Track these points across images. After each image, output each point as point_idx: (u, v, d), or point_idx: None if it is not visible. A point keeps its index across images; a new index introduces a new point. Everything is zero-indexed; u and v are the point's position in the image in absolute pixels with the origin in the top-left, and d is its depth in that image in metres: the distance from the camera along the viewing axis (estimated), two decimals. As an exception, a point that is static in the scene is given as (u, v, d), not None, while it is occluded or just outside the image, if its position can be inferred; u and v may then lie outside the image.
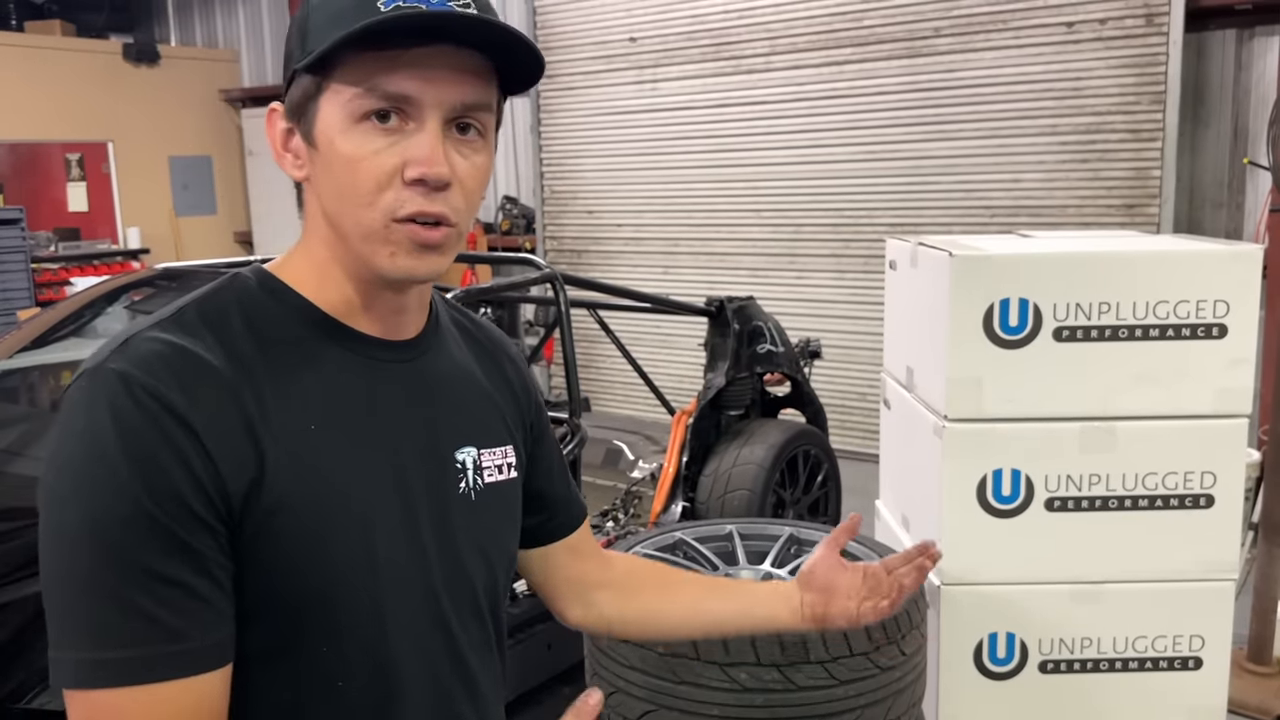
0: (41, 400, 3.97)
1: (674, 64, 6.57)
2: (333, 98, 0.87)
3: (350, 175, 0.87)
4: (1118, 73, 5.02)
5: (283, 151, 0.93)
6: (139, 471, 0.79)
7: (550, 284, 3.25)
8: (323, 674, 0.89)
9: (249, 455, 0.84)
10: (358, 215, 0.88)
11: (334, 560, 0.88)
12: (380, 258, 0.89)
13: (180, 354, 0.84)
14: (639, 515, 3.78)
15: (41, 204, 9.07)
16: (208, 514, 0.81)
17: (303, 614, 0.87)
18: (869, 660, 1.85)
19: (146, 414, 0.80)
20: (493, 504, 1.03)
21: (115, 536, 0.78)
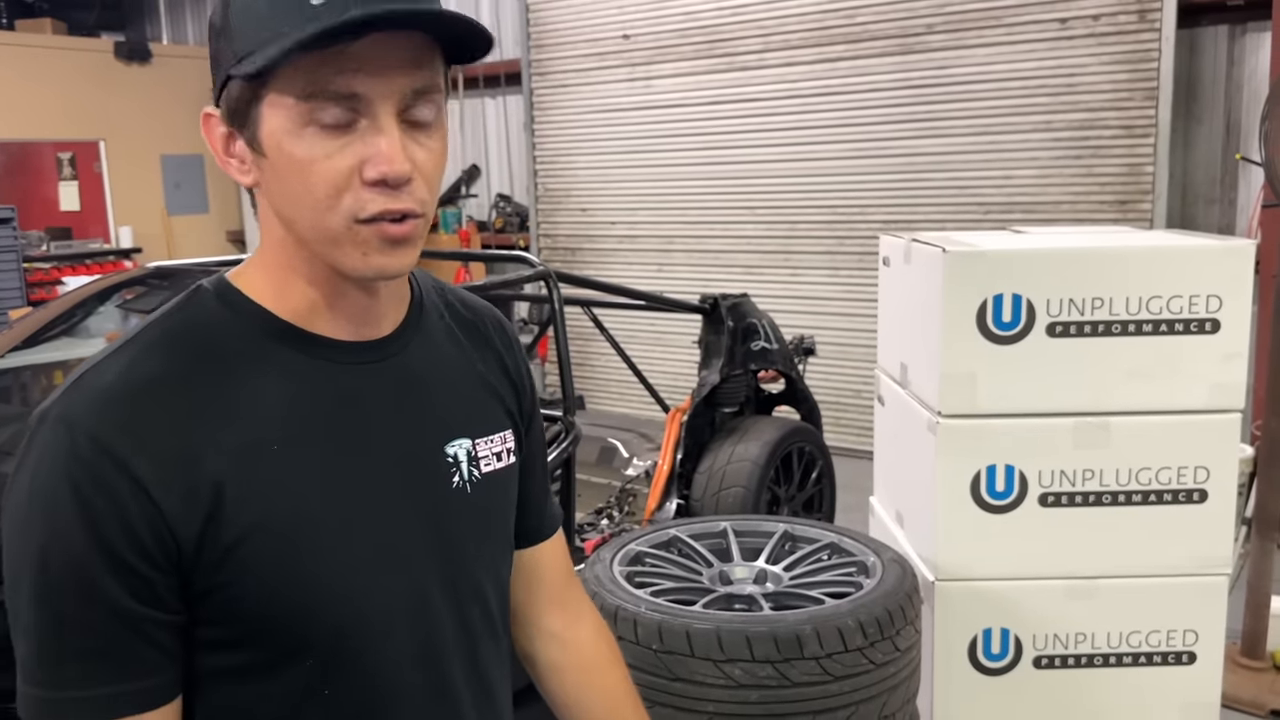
0: (33, 400, 3.95)
1: (667, 61, 6.56)
2: (275, 102, 0.83)
3: (304, 181, 0.83)
4: (1110, 69, 5.02)
5: (226, 157, 0.88)
6: (77, 527, 0.80)
7: (544, 281, 3.25)
8: (310, 685, 0.89)
9: (202, 492, 0.83)
10: (318, 220, 0.85)
11: (309, 577, 0.86)
12: (351, 259, 0.86)
13: (131, 388, 0.83)
14: (634, 513, 3.77)
15: (33, 203, 9.02)
16: (147, 567, 0.81)
17: (284, 631, 0.87)
18: (863, 656, 1.85)
19: (86, 466, 0.80)
20: (492, 493, 1.00)
21: (51, 585, 0.81)
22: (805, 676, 1.81)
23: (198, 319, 0.89)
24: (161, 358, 0.86)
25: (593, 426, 4.15)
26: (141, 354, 0.86)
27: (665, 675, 1.84)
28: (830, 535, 2.30)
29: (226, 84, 0.85)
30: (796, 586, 2.13)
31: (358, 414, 0.92)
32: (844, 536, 2.29)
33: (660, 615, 1.88)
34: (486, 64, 7.52)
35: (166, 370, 0.85)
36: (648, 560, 2.22)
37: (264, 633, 0.86)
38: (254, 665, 0.87)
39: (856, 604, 1.92)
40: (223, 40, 0.85)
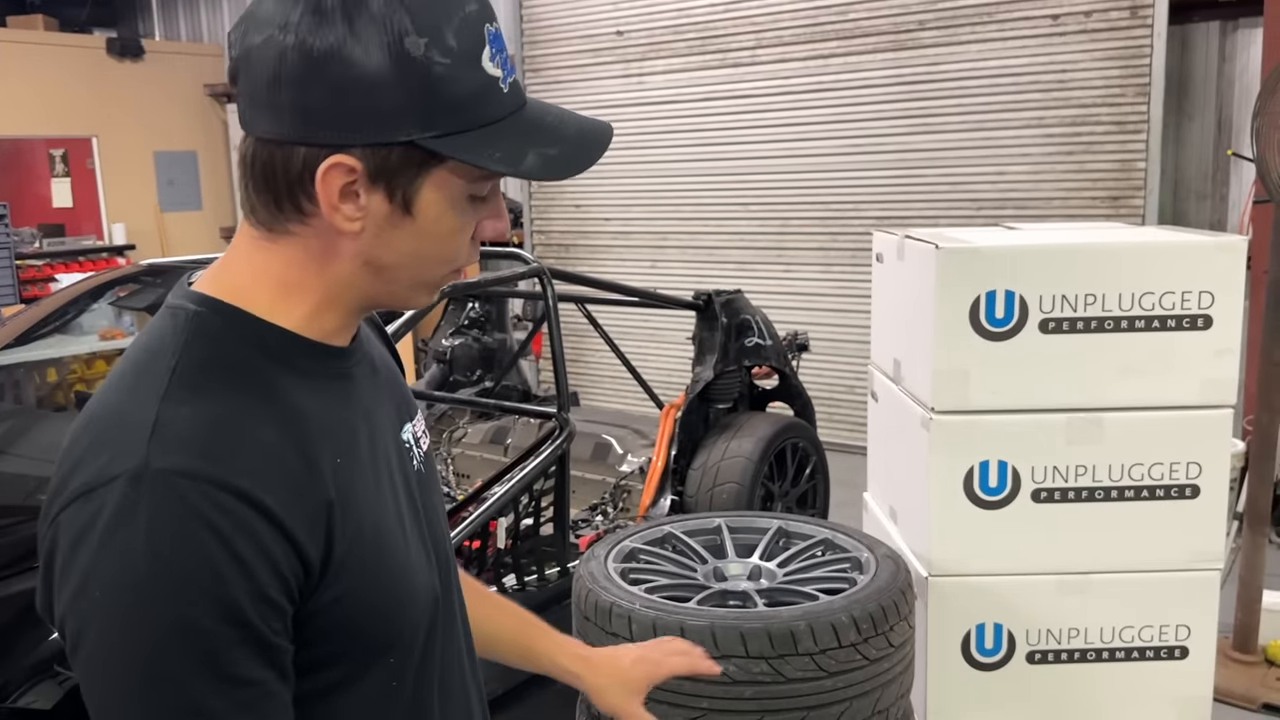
0: (27, 397, 3.95)
1: (660, 58, 6.56)
2: (448, 178, 0.84)
3: (445, 244, 0.88)
4: (1102, 65, 5.04)
5: (339, 203, 0.83)
6: (224, 577, 0.76)
7: (538, 278, 3.25)
8: (390, 685, 0.92)
9: (319, 516, 0.82)
10: (426, 272, 0.89)
11: (393, 580, 0.89)
12: (419, 299, 0.92)
13: (223, 426, 0.80)
14: (628, 509, 3.78)
15: (25, 200, 9.00)
16: (285, 601, 0.80)
17: (376, 636, 0.89)
18: (857, 651, 1.85)
19: (224, 511, 0.76)
20: (432, 469, 1.05)
21: (201, 648, 0.76)
22: (799, 672, 1.81)
23: (220, 346, 0.85)
24: (221, 392, 0.82)
25: (587, 423, 4.15)
26: (197, 393, 0.82)
27: (660, 671, 1.84)
28: (824, 531, 2.30)
29: (385, 143, 0.82)
30: (791, 583, 2.14)
31: (365, 415, 0.94)
32: (838, 533, 2.29)
33: (654, 612, 1.88)
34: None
35: (235, 404, 0.82)
36: (642, 557, 2.23)
37: (357, 643, 0.87)
38: (339, 681, 0.88)
39: (850, 600, 1.92)
40: (386, 96, 0.80)
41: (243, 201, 0.88)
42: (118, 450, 0.78)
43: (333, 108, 0.80)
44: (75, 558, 0.77)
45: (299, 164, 0.82)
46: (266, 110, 0.82)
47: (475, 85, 0.82)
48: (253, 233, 0.88)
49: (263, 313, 0.87)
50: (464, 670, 1.04)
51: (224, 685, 0.77)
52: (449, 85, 0.81)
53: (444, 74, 0.81)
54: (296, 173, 0.82)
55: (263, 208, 0.86)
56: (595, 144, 0.89)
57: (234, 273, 0.89)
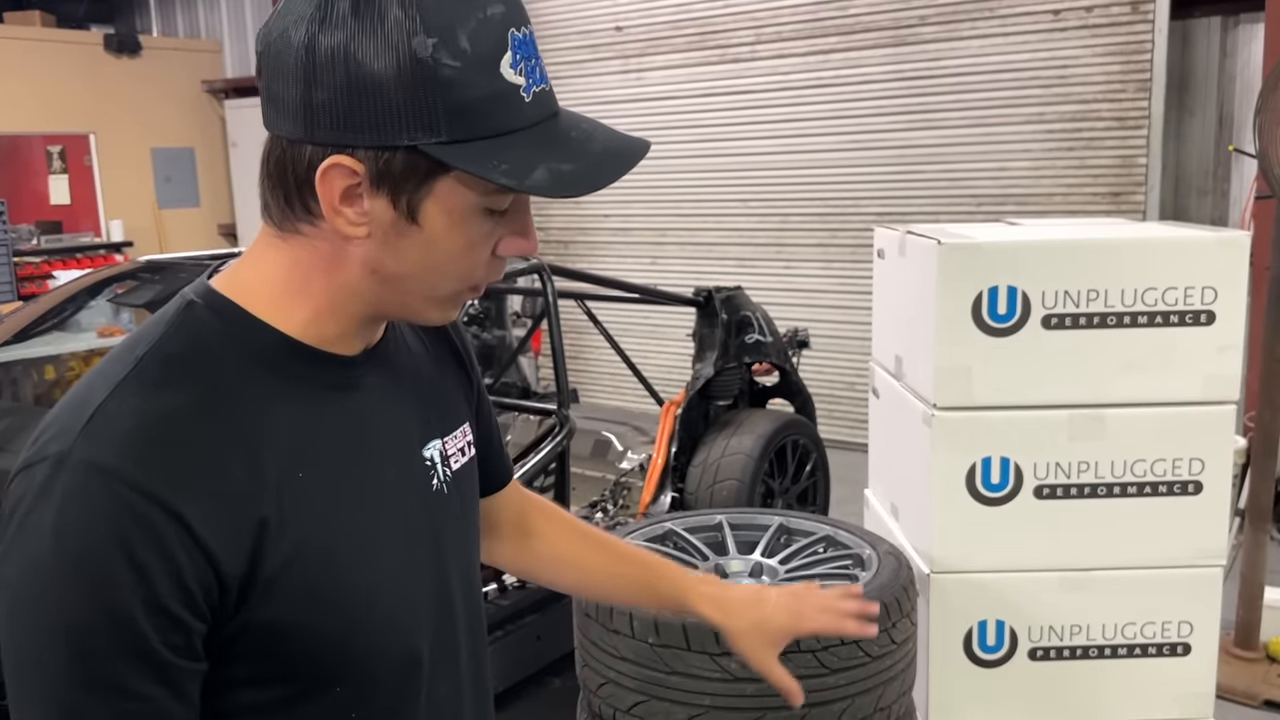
0: (25, 394, 3.93)
1: (659, 53, 6.55)
2: (455, 186, 0.80)
3: (457, 259, 0.84)
4: (1103, 60, 5.02)
5: (341, 207, 0.81)
6: (120, 579, 0.73)
7: (538, 274, 3.24)
8: (339, 710, 0.87)
9: (246, 529, 0.79)
10: (438, 285, 0.85)
11: (342, 605, 0.84)
12: (432, 314, 0.88)
13: (157, 426, 0.77)
14: (628, 506, 3.77)
15: (23, 197, 8.99)
16: (188, 614, 0.76)
17: (316, 661, 0.84)
18: (859, 648, 1.85)
19: (133, 516, 0.74)
20: (462, 489, 1.01)
21: (83, 646, 0.74)
22: (801, 669, 1.80)
23: (200, 341, 0.83)
24: (176, 389, 0.80)
25: (586, 420, 4.15)
26: (151, 387, 0.79)
27: (662, 669, 1.83)
28: (826, 528, 2.30)
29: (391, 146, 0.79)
30: (793, 579, 2.13)
31: (363, 429, 0.90)
32: (839, 529, 2.28)
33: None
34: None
35: (186, 402, 0.79)
36: (643, 554, 2.22)
37: (299, 663, 0.83)
38: (282, 699, 0.84)
39: (852, 597, 1.91)
40: (392, 98, 0.77)
41: (261, 199, 0.86)
42: (57, 431, 0.78)
43: (337, 106, 0.78)
44: (5, 529, 0.77)
45: (305, 163, 0.80)
46: (279, 106, 0.81)
47: (489, 92, 0.78)
48: (267, 230, 0.87)
49: (261, 313, 0.85)
50: (464, 710, 0.98)
51: (103, 693, 0.74)
52: (458, 90, 0.77)
53: (453, 77, 0.77)
54: (304, 171, 0.81)
55: (275, 205, 0.84)
56: (619, 162, 0.84)
57: (245, 269, 0.88)
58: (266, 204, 0.85)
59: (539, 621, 3.01)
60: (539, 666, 3.10)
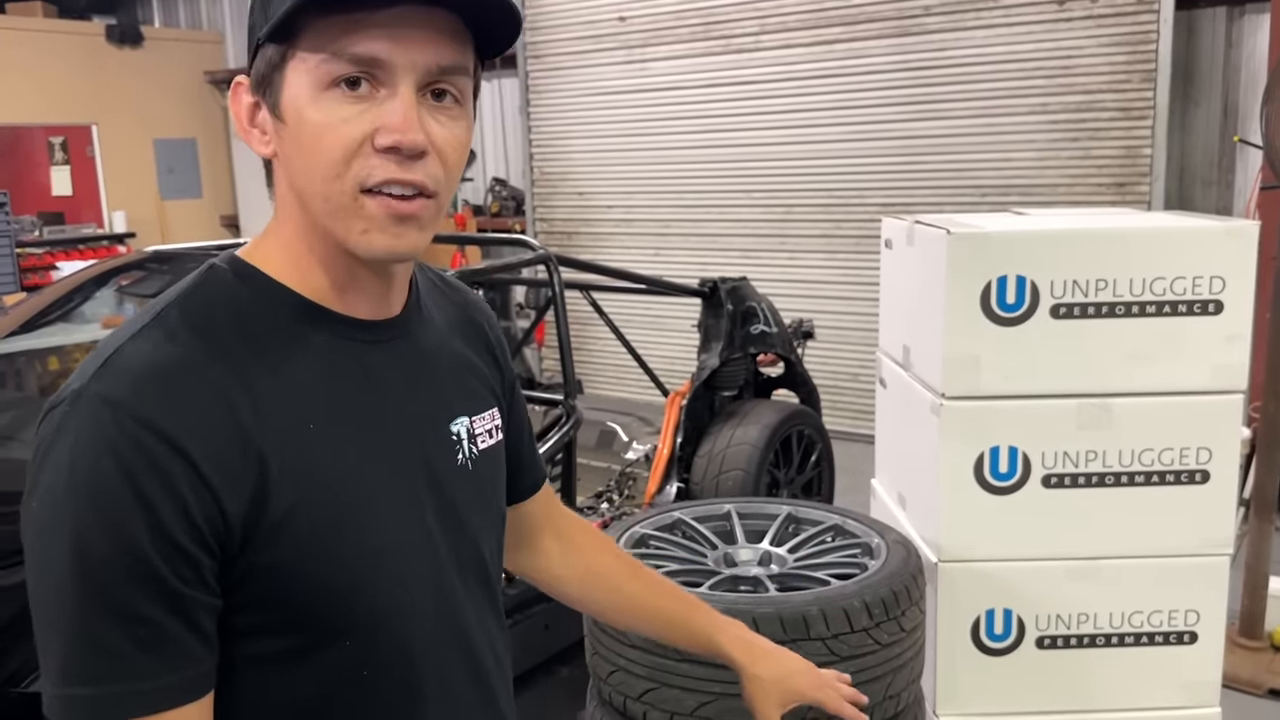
0: (30, 385, 3.94)
1: (663, 44, 6.54)
2: (298, 66, 0.83)
3: (318, 145, 0.83)
4: (1108, 51, 5.02)
5: (249, 127, 0.89)
6: (127, 509, 0.76)
7: (545, 265, 3.24)
8: (349, 667, 0.88)
9: (249, 471, 0.81)
10: (326, 189, 0.84)
11: (347, 560, 0.86)
12: (353, 235, 0.85)
13: (168, 368, 0.81)
14: (633, 496, 3.78)
15: (25, 188, 8.98)
16: (195, 547, 0.79)
17: (322, 614, 0.86)
18: (869, 636, 1.86)
19: (137, 446, 0.77)
20: (487, 470, 1.02)
21: (97, 575, 0.76)
22: (811, 656, 1.80)
23: (218, 297, 0.87)
24: (190, 337, 0.84)
25: (592, 410, 4.15)
26: (168, 335, 0.83)
27: (672, 657, 1.84)
28: (834, 517, 2.30)
29: (257, 52, 0.86)
30: (801, 568, 2.14)
31: (379, 392, 0.92)
32: (848, 518, 2.29)
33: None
34: (481, 47, 7.48)
35: (199, 349, 0.83)
36: (652, 543, 2.23)
37: (306, 614, 0.85)
38: (291, 650, 0.86)
39: (862, 585, 1.92)
40: (260, 6, 0.85)
41: None
42: (79, 374, 0.82)
43: (248, 38, 0.88)
44: (33, 465, 0.81)
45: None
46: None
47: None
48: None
49: (277, 275, 0.90)
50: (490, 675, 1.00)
51: (114, 616, 0.77)
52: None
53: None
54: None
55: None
56: None
57: (264, 236, 0.93)
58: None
59: (547, 611, 3.02)
60: (547, 655, 3.11)
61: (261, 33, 0.84)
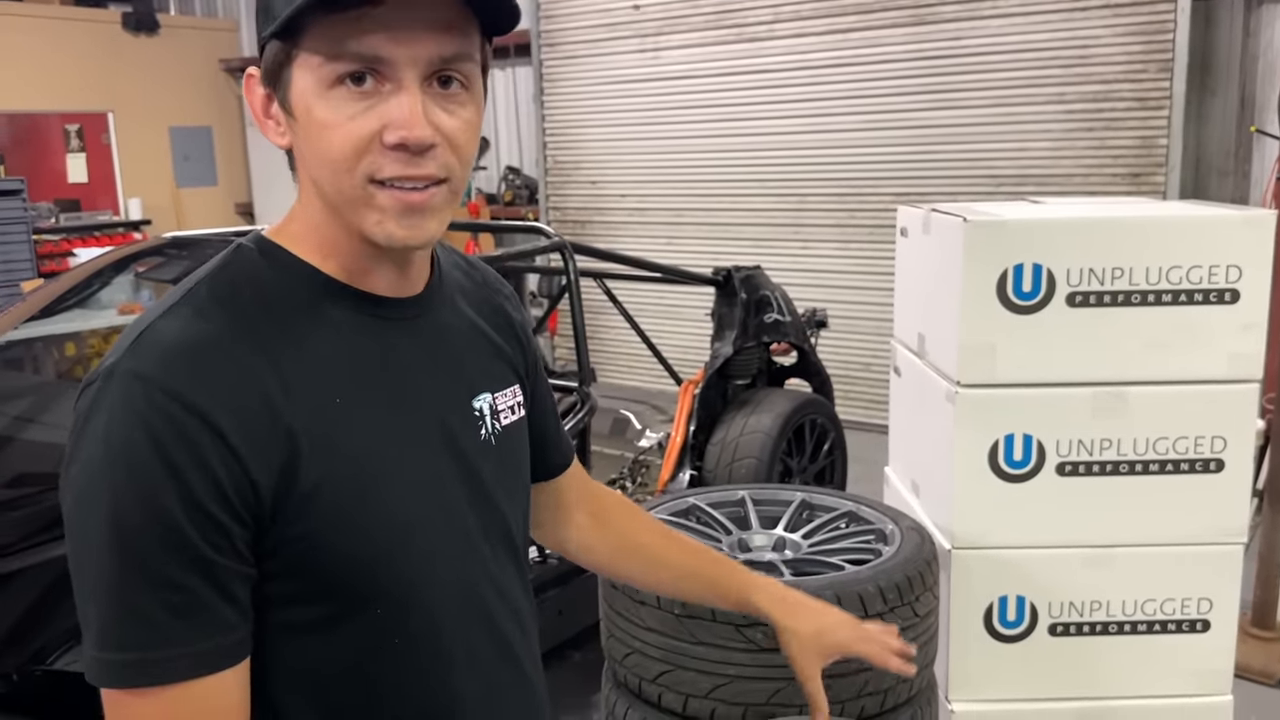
0: (49, 370, 3.98)
1: (677, 32, 6.53)
2: (303, 63, 0.85)
3: (327, 142, 0.85)
4: (1125, 40, 4.99)
5: (264, 119, 0.91)
6: (158, 479, 0.79)
7: (560, 253, 3.25)
8: (379, 635, 0.90)
9: (278, 444, 0.83)
10: (338, 182, 0.86)
11: (374, 531, 0.88)
12: (368, 224, 0.87)
13: (197, 344, 0.83)
14: (646, 484, 3.80)
15: (41, 175, 9.02)
16: (226, 516, 0.81)
17: (351, 584, 0.88)
18: (882, 621, 1.86)
19: (167, 418, 0.79)
20: (511, 445, 1.04)
21: (131, 543, 0.79)
22: (826, 641, 1.82)
23: (244, 275, 0.90)
24: (218, 314, 0.86)
25: (605, 398, 4.17)
26: (197, 312, 0.86)
27: (688, 639, 1.86)
28: (848, 504, 2.32)
29: (264, 46, 0.88)
30: (816, 554, 2.15)
31: (402, 368, 0.94)
32: (862, 505, 2.30)
33: (682, 581, 1.90)
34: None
35: (227, 326, 0.86)
36: (667, 528, 2.24)
37: (335, 584, 0.87)
38: (324, 619, 0.88)
39: (877, 570, 1.94)
40: (263, 3, 0.87)
41: None
42: (114, 351, 0.85)
43: (256, 32, 0.89)
44: (71, 439, 0.84)
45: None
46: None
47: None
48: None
49: (301, 253, 0.92)
50: (513, 644, 1.02)
51: (149, 583, 0.79)
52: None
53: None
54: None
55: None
56: None
57: (291, 214, 0.95)
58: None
59: (560, 596, 3.04)
60: (560, 640, 3.13)
61: (266, 31, 0.86)
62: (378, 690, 0.91)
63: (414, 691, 0.93)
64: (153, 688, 0.80)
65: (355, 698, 0.91)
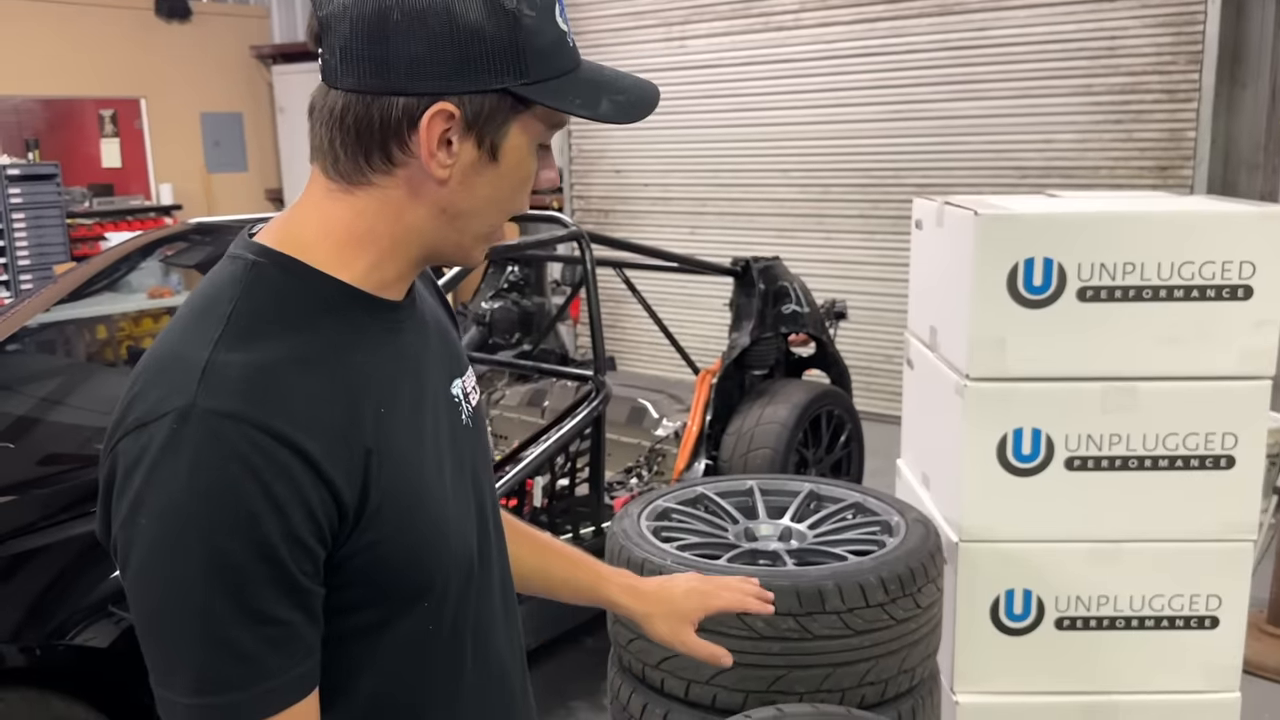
0: (79, 353, 4.05)
1: (703, 20, 6.52)
2: (529, 121, 0.90)
3: (518, 191, 0.94)
4: (1153, 31, 4.94)
5: (435, 150, 0.87)
6: (260, 513, 0.79)
7: (577, 241, 3.28)
8: (422, 627, 0.95)
9: (357, 464, 0.86)
10: (495, 219, 0.94)
11: (423, 530, 0.92)
12: (477, 251, 0.96)
13: (267, 371, 0.83)
14: (662, 472, 3.82)
15: (76, 160, 9.15)
16: (315, 542, 0.83)
17: (412, 579, 0.92)
18: (884, 611, 1.88)
19: (263, 454, 0.80)
20: (481, 426, 1.09)
21: (233, 583, 0.79)
22: (826, 630, 1.85)
23: (275, 296, 0.89)
24: (270, 341, 0.86)
25: (623, 387, 4.19)
26: (247, 341, 0.85)
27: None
28: (855, 495, 2.33)
29: (484, 90, 0.87)
30: (820, 544, 2.16)
31: (415, 368, 0.97)
32: (868, 496, 2.31)
33: (684, 568, 1.92)
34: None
35: (284, 352, 0.86)
36: (674, 516, 2.27)
37: (395, 584, 0.91)
38: (381, 620, 0.92)
39: (879, 561, 1.95)
40: (502, 48, 0.86)
41: (322, 154, 0.90)
42: (170, 389, 0.82)
43: (434, 58, 0.85)
44: (128, 485, 0.81)
45: (398, 114, 0.86)
46: (365, 64, 0.85)
47: (554, 37, 0.89)
48: (329, 185, 0.91)
49: (322, 265, 0.91)
50: (499, 618, 1.06)
51: (251, 620, 0.80)
52: (535, 36, 0.87)
53: (531, 25, 0.87)
54: (395, 123, 0.87)
55: (348, 159, 0.89)
56: (652, 92, 0.96)
57: (300, 225, 0.93)
58: (335, 159, 0.89)
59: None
60: (572, 625, 3.16)
61: (513, 85, 0.87)
62: (411, 685, 0.96)
63: (443, 680, 0.98)
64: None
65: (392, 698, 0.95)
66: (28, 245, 7.62)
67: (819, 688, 1.87)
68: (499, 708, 1.06)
